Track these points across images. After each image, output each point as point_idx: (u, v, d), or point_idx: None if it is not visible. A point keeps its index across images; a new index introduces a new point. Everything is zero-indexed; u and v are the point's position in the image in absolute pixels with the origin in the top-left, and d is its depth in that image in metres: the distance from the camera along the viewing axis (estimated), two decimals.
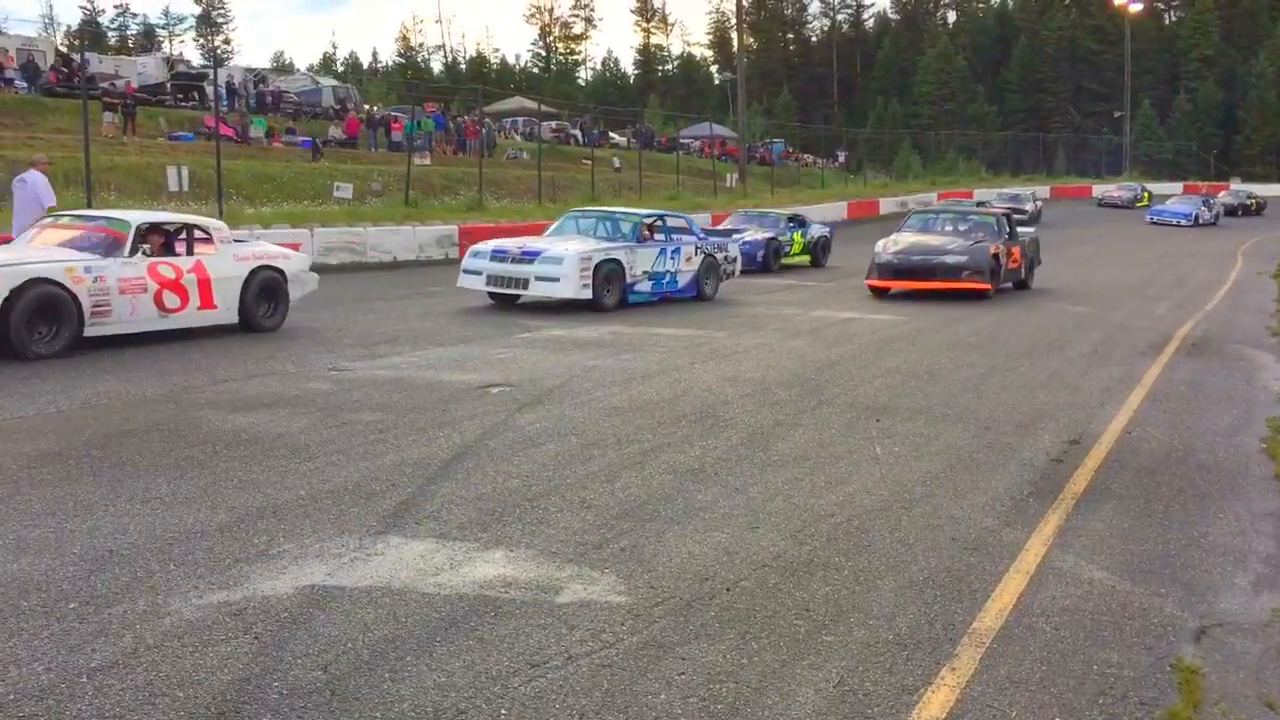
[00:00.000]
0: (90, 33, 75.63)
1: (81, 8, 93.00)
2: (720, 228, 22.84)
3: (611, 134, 54.60)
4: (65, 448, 6.47)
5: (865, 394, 9.07)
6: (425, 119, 38.56)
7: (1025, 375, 10.22)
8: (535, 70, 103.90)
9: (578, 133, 51.31)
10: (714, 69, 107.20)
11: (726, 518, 5.58)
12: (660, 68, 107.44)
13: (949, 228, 18.52)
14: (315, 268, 18.54)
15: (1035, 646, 4.15)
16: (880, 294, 17.31)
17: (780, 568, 4.88)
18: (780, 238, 22.58)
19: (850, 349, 11.57)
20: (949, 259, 17.09)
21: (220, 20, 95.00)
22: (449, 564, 4.74)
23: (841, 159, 60.87)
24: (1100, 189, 57.88)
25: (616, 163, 43.12)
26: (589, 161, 36.38)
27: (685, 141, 53.63)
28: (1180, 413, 8.79)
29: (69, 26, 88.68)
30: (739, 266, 17.52)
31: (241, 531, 5.04)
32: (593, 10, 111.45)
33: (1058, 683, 3.86)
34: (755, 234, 22.19)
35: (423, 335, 11.66)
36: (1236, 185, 59.05)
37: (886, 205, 44.11)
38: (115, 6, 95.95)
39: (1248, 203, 52.34)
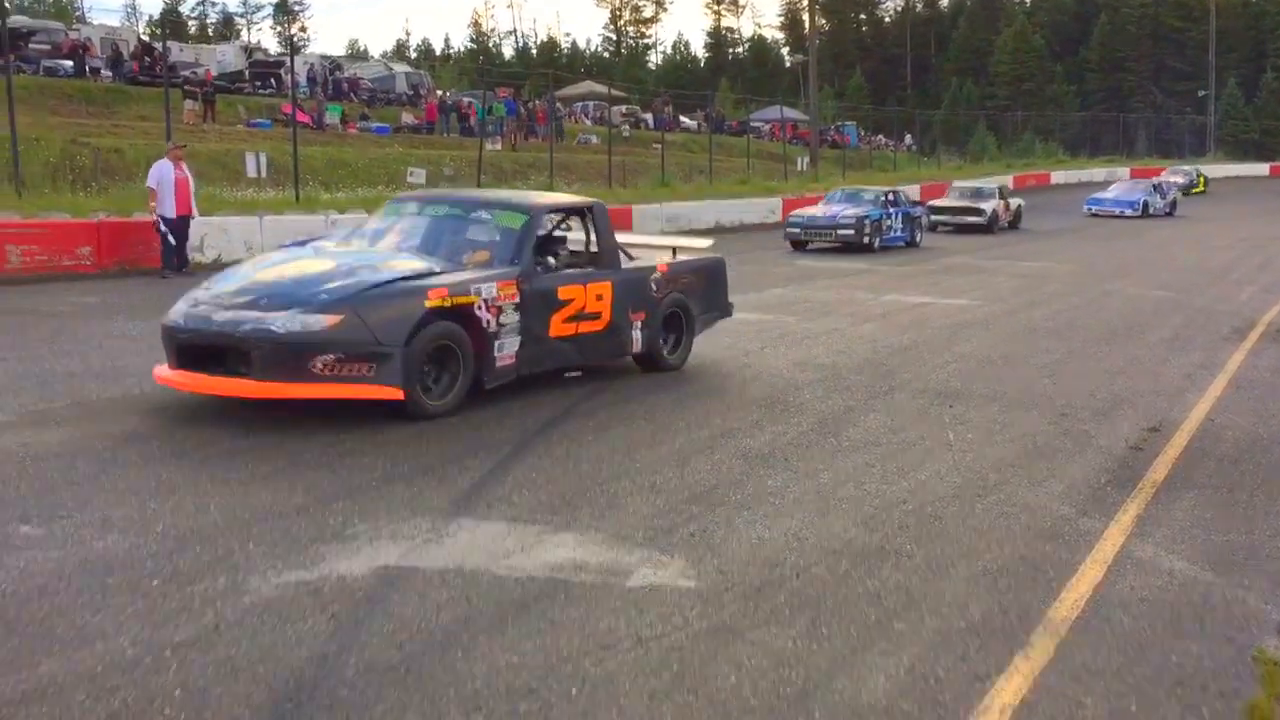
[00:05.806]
0: (171, 21, 77.02)
1: None
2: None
3: (683, 118, 54.36)
4: (148, 429, 6.64)
5: (938, 380, 8.97)
6: (497, 104, 38.77)
7: (1103, 361, 10.02)
8: (605, 55, 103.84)
9: (649, 117, 51.22)
10: (785, 51, 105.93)
11: (796, 503, 5.56)
12: (731, 51, 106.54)
13: (415, 242, 7.96)
14: None
15: (1112, 636, 4.08)
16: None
17: (851, 554, 4.86)
18: None
19: (923, 334, 11.42)
20: (256, 330, 6.65)
21: (297, 8, 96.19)
22: (520, 547, 4.78)
23: (908, 141, 59.97)
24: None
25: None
26: (659, 146, 36.28)
27: (756, 125, 53.24)
28: (1265, 400, 8.57)
29: (150, 16, 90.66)
30: None
31: (318, 512, 5.14)
32: None
33: (1135, 672, 3.80)
34: None
35: None
36: None
37: None
38: None
39: None
